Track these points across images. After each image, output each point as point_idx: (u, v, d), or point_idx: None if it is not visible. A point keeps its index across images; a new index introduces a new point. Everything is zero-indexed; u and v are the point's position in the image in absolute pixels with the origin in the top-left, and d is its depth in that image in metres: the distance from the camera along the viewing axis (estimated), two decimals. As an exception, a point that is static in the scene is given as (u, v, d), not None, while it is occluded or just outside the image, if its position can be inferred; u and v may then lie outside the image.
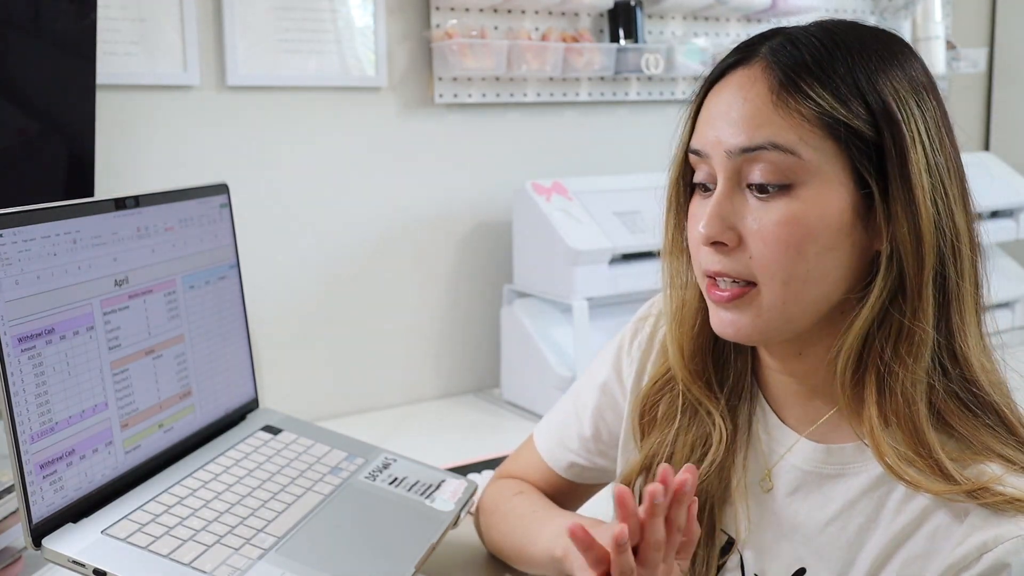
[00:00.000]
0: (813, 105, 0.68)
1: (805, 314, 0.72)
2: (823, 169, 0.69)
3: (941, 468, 0.69)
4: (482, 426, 1.65)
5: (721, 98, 0.73)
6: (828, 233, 0.69)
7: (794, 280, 0.70)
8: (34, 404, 0.81)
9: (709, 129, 0.73)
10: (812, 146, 0.68)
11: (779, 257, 0.69)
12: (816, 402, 0.78)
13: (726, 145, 0.71)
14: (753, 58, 0.72)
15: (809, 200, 0.69)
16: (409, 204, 1.73)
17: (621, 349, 0.94)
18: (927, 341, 0.69)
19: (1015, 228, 2.07)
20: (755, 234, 0.70)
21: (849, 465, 0.75)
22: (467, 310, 1.81)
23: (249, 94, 1.56)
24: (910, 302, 0.69)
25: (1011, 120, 2.48)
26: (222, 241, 1.10)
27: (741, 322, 0.73)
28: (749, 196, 0.71)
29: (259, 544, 0.87)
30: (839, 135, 0.68)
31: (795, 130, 0.68)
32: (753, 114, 0.70)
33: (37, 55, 1.23)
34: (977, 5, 2.49)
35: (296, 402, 1.58)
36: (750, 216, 0.70)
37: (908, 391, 0.70)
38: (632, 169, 1.91)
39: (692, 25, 1.98)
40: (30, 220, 0.82)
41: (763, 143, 0.69)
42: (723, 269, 0.72)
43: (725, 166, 0.71)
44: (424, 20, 1.70)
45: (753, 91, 0.70)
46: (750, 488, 0.81)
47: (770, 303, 0.71)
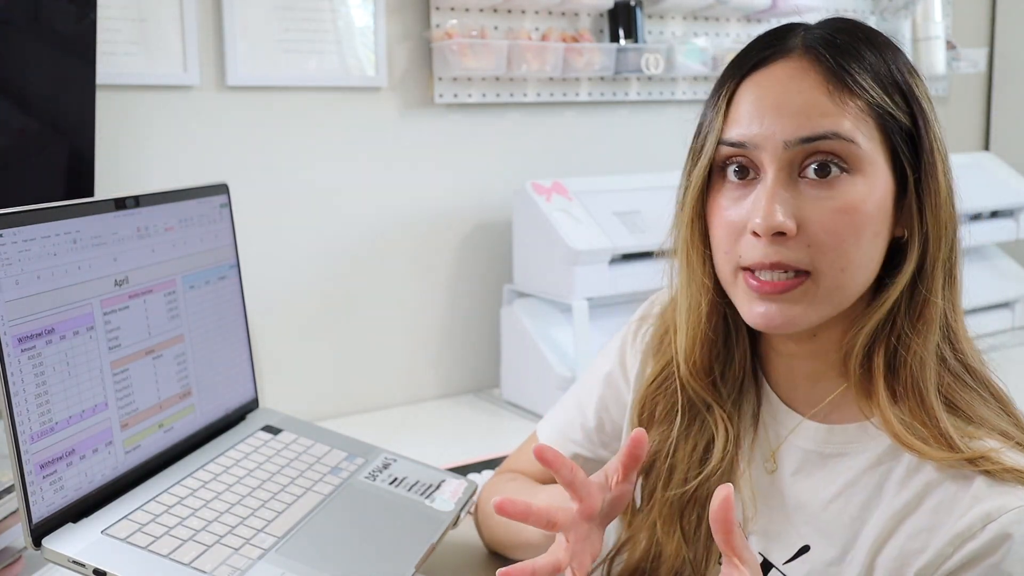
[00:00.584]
0: (866, 95, 0.71)
1: (848, 300, 0.74)
2: (874, 157, 0.72)
3: (945, 436, 0.71)
4: (482, 426, 1.65)
5: (767, 88, 0.73)
6: (879, 219, 0.72)
7: (851, 266, 0.72)
8: (34, 404, 0.81)
9: (756, 122, 0.72)
10: (866, 135, 0.71)
11: (840, 244, 0.71)
12: (823, 383, 0.79)
13: (784, 136, 0.71)
14: (793, 50, 0.73)
15: (865, 187, 0.71)
16: (409, 204, 1.73)
17: (625, 343, 0.95)
18: (938, 314, 0.73)
19: (1015, 228, 2.07)
20: (816, 222, 0.71)
21: (851, 444, 0.77)
22: (467, 310, 1.81)
23: (249, 94, 1.56)
24: (928, 280, 0.73)
25: (1011, 120, 2.48)
26: (222, 241, 1.10)
27: (793, 313, 0.73)
28: (803, 185, 0.72)
29: (259, 544, 0.87)
30: (887, 125, 0.72)
31: (851, 119, 0.71)
32: (812, 104, 0.71)
33: (37, 55, 1.23)
34: (977, 5, 2.49)
35: (296, 402, 1.58)
36: (808, 205, 0.71)
37: (920, 365, 0.73)
38: (632, 169, 1.91)
39: (692, 25, 1.98)
40: (30, 220, 0.82)
41: (826, 132, 0.70)
42: (782, 259, 0.71)
43: (779, 157, 0.71)
44: (424, 20, 1.70)
45: (807, 82, 0.71)
46: (755, 472, 0.82)
47: (825, 291, 0.72)
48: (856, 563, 0.74)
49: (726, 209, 0.75)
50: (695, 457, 0.83)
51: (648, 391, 0.88)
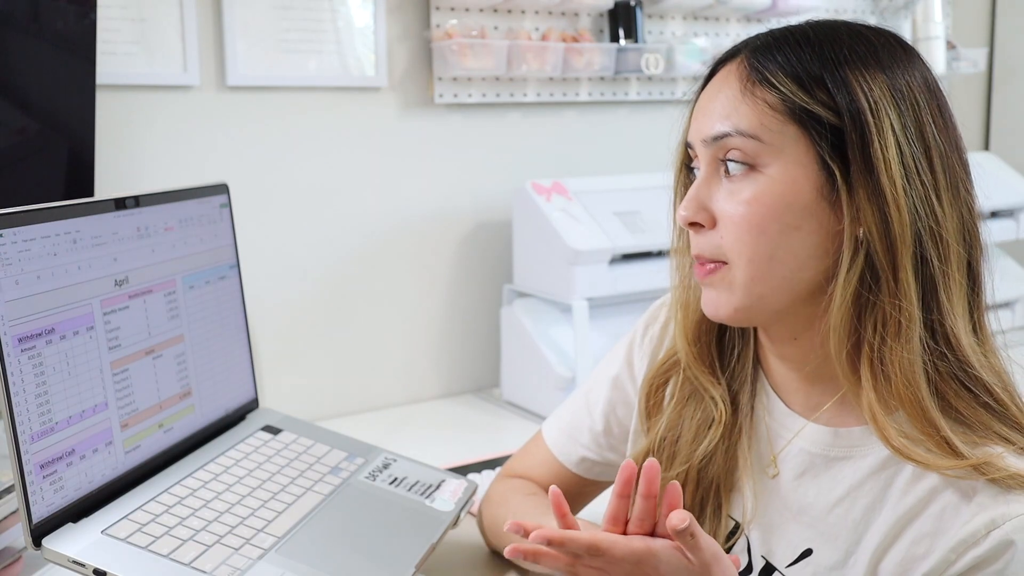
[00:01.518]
0: (776, 93, 0.73)
1: (776, 292, 0.75)
2: (785, 152, 0.73)
3: (950, 445, 0.70)
4: (482, 426, 1.65)
5: (704, 94, 0.80)
6: (790, 212, 0.73)
7: (759, 258, 0.74)
8: (34, 404, 0.81)
9: (694, 122, 0.80)
10: (774, 130, 0.73)
11: (743, 235, 0.74)
12: (818, 387, 0.79)
13: (702, 134, 0.77)
14: (735, 56, 0.79)
15: (772, 180, 0.73)
16: (409, 204, 1.73)
17: (632, 344, 0.97)
18: (913, 324, 0.71)
19: (1015, 228, 2.07)
20: (723, 214, 0.75)
21: (856, 448, 0.77)
22: (467, 310, 1.81)
23: (249, 94, 1.56)
24: (886, 285, 0.71)
25: (1011, 120, 2.48)
26: (222, 241, 1.10)
27: (719, 300, 0.77)
28: (724, 181, 0.76)
29: (259, 544, 0.87)
30: (800, 119, 0.73)
31: (758, 116, 0.74)
32: (724, 104, 0.76)
33: (37, 55, 1.23)
34: (977, 5, 2.49)
35: (296, 402, 1.58)
36: (720, 198, 0.76)
37: (906, 372, 0.71)
38: (632, 169, 1.91)
39: (692, 25, 1.98)
40: (30, 220, 0.82)
41: (728, 130, 0.75)
42: (699, 250, 0.77)
43: (704, 153, 0.77)
44: (424, 20, 1.70)
45: (726, 85, 0.77)
46: (756, 474, 0.82)
47: (740, 280, 0.75)
48: (859, 567, 0.74)
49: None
50: (697, 442, 0.84)
51: (656, 375, 0.90)
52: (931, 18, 2.18)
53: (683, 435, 0.86)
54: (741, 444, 0.84)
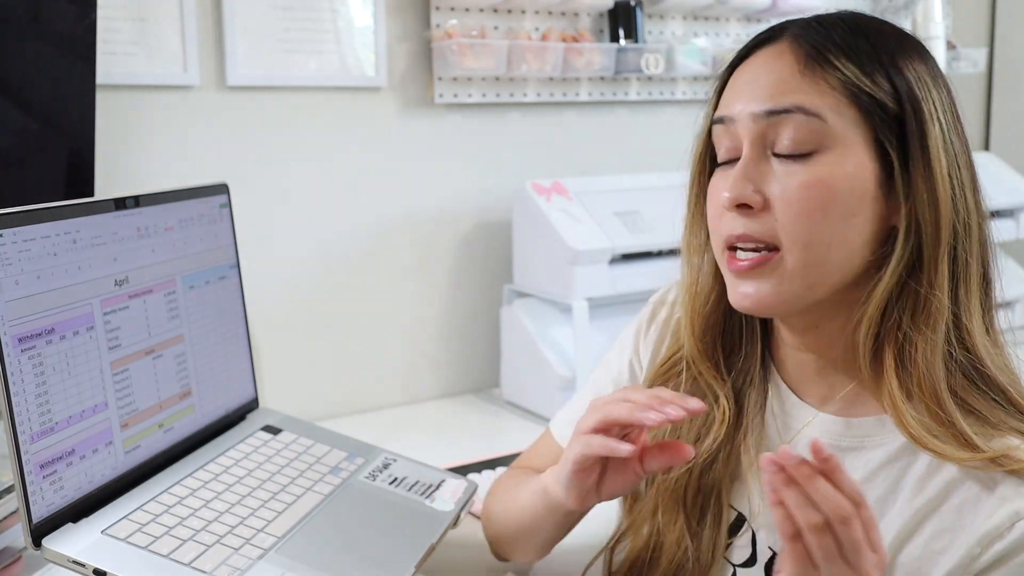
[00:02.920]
0: (839, 74, 0.71)
1: (824, 281, 0.73)
2: (847, 136, 0.71)
3: (965, 437, 0.70)
4: (482, 426, 1.65)
5: (747, 71, 0.76)
6: (851, 198, 0.71)
7: (816, 244, 0.72)
8: (34, 404, 0.81)
9: (736, 97, 0.76)
10: (837, 112, 0.71)
11: (804, 219, 0.71)
12: (834, 376, 0.79)
13: (752, 108, 0.73)
14: (779, 37, 0.76)
15: (833, 164, 0.71)
16: (409, 204, 1.73)
17: (639, 331, 0.95)
18: (943, 312, 0.72)
19: (1015, 228, 2.08)
20: (780, 197, 0.72)
21: (869, 438, 0.77)
22: (467, 310, 1.81)
23: (249, 94, 1.56)
24: (927, 273, 0.72)
25: (1011, 120, 2.48)
26: (222, 241, 1.10)
27: (762, 291, 0.74)
28: (774, 161, 0.73)
29: (259, 544, 0.87)
30: (863, 104, 0.71)
31: (821, 96, 0.71)
32: (781, 80, 0.73)
33: (37, 55, 1.23)
34: (977, 5, 2.49)
35: (296, 402, 1.58)
36: (775, 180, 0.73)
37: (928, 361, 0.72)
38: (632, 169, 1.91)
39: (692, 25, 1.98)
40: (30, 220, 0.82)
41: (790, 106, 0.72)
42: (747, 231, 0.73)
43: (750, 130, 0.74)
44: (424, 20, 1.70)
45: (780, 62, 0.74)
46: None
47: (792, 268, 0.72)
48: None
49: (713, 192, 0.78)
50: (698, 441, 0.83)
51: (659, 372, 0.89)
52: (931, 18, 2.18)
53: (683, 435, 0.85)
54: (746, 443, 0.83)
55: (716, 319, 0.84)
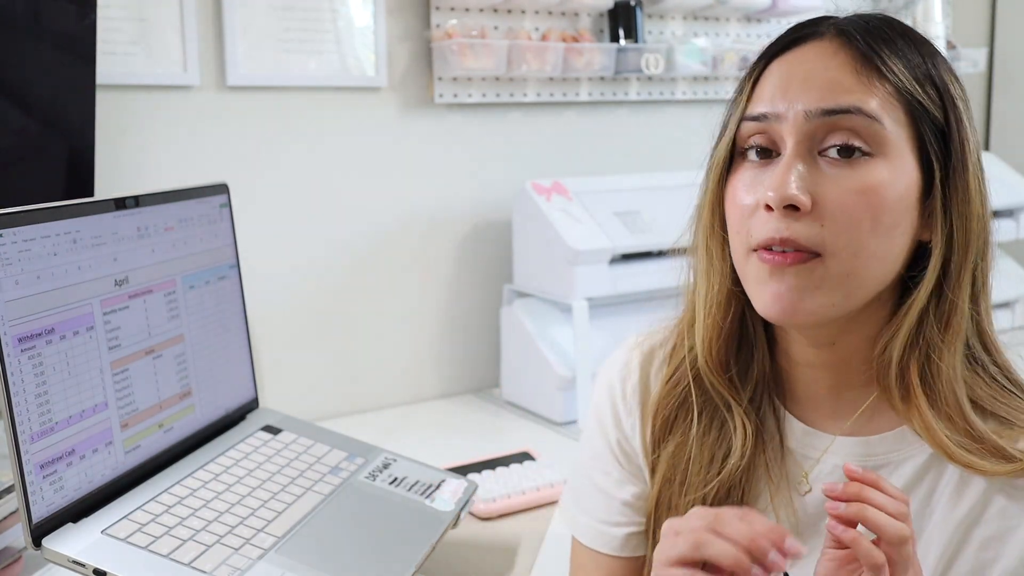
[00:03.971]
0: (896, 79, 0.69)
1: (861, 293, 0.70)
2: (900, 144, 0.69)
3: (999, 449, 0.69)
4: (482, 426, 1.65)
5: (795, 66, 0.71)
6: (899, 208, 0.69)
7: (864, 252, 0.68)
8: (34, 404, 0.81)
9: (779, 93, 0.71)
10: (893, 118, 0.69)
11: (855, 227, 0.68)
12: (848, 394, 0.76)
13: (806, 106, 0.69)
14: (823, 34, 0.72)
15: (887, 171, 0.68)
16: (409, 204, 1.73)
17: (616, 407, 0.87)
18: (964, 324, 0.71)
19: (1015, 228, 2.07)
20: (832, 200, 0.68)
21: (892, 453, 0.74)
22: (467, 310, 1.81)
23: (249, 94, 1.56)
24: (952, 288, 0.70)
25: (1011, 120, 2.48)
26: (222, 241, 1.10)
27: (800, 295, 0.69)
28: (823, 163, 0.69)
29: (259, 544, 0.87)
30: (914, 111, 0.69)
31: (878, 100, 0.69)
32: (838, 80, 0.69)
33: (37, 55, 1.23)
34: (977, 5, 2.49)
35: (296, 402, 1.58)
36: (826, 183, 0.68)
37: (952, 374, 0.70)
38: (632, 169, 1.91)
39: (692, 25, 1.98)
40: (30, 220, 0.82)
41: (849, 106, 0.68)
42: (792, 235, 0.68)
43: (800, 129, 0.69)
44: (424, 20, 1.70)
45: (835, 60, 0.70)
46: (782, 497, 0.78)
47: (835, 275, 0.68)
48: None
49: (742, 190, 0.73)
50: (716, 459, 0.79)
51: (662, 395, 0.83)
52: (931, 18, 2.18)
53: (694, 458, 0.80)
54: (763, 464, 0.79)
55: (733, 330, 0.79)
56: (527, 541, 1.16)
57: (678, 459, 0.81)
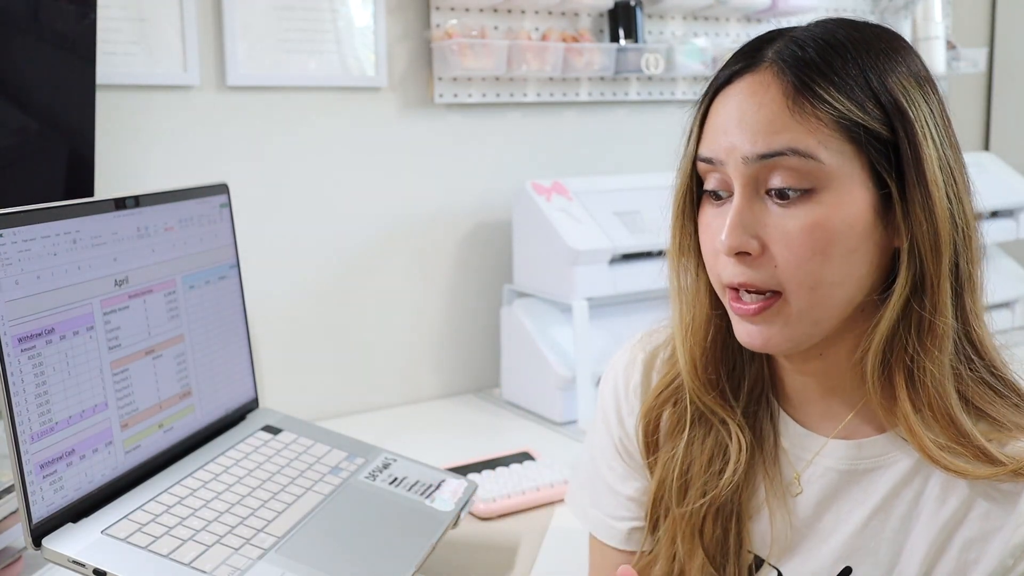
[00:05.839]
0: (830, 109, 0.68)
1: (832, 317, 0.71)
2: (843, 172, 0.68)
3: (985, 453, 0.69)
4: (482, 426, 1.65)
5: (731, 105, 0.71)
6: (852, 235, 0.69)
7: (821, 285, 0.69)
8: (34, 404, 0.81)
9: (721, 136, 0.71)
10: (832, 149, 0.68)
11: (806, 263, 0.69)
12: (838, 400, 0.77)
13: (743, 151, 0.70)
14: (760, 63, 0.71)
15: (832, 204, 0.68)
16: (409, 204, 1.73)
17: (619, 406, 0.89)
18: (948, 331, 0.70)
19: (1015, 228, 2.07)
20: (779, 241, 0.69)
21: (882, 457, 0.75)
22: (467, 310, 1.81)
23: (249, 94, 1.56)
24: (930, 295, 0.70)
25: (1011, 120, 2.48)
26: (222, 241, 1.10)
27: (770, 333, 0.72)
28: (769, 203, 0.70)
29: (259, 544, 0.87)
30: (858, 138, 0.68)
31: (814, 135, 0.68)
32: (770, 120, 0.69)
33: (37, 55, 1.23)
34: (977, 5, 2.49)
35: (296, 402, 1.58)
36: (772, 224, 0.69)
37: (938, 382, 0.70)
38: (632, 169, 1.91)
39: (692, 25, 1.98)
40: (30, 220, 0.82)
41: (782, 148, 0.68)
42: (747, 280, 0.71)
43: (742, 173, 0.70)
44: (424, 20, 1.70)
45: (767, 96, 0.69)
46: (777, 498, 0.79)
47: (798, 311, 0.70)
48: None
49: (709, 226, 0.75)
50: (712, 469, 0.80)
51: (655, 403, 0.85)
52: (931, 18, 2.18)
53: (694, 464, 0.81)
54: (760, 468, 0.80)
55: (717, 349, 0.80)
56: (527, 541, 1.16)
57: (675, 465, 0.82)
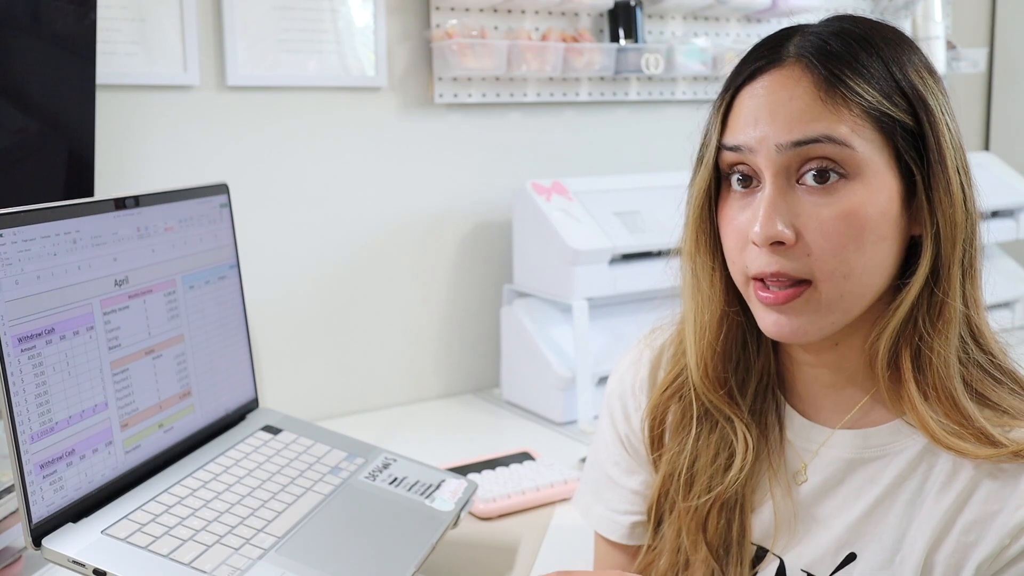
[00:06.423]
0: (860, 100, 0.70)
1: (859, 305, 0.73)
2: (874, 161, 0.70)
3: (986, 434, 0.71)
4: (482, 426, 1.65)
5: (760, 97, 0.73)
6: (883, 223, 0.71)
7: (854, 273, 0.71)
8: (34, 404, 0.81)
9: (751, 127, 0.72)
10: (863, 138, 0.70)
11: (840, 251, 0.70)
12: (848, 390, 0.79)
13: (776, 140, 0.71)
14: (785, 59, 0.73)
15: (864, 192, 0.70)
16: (409, 204, 1.73)
17: (625, 402, 0.91)
18: (955, 317, 0.72)
19: (1015, 228, 2.07)
20: (815, 229, 0.70)
21: (888, 445, 0.77)
22: (467, 310, 1.81)
23: (249, 94, 1.56)
24: (944, 280, 0.72)
25: (1011, 120, 2.48)
26: (222, 241, 1.10)
27: (799, 322, 0.72)
28: (800, 192, 0.71)
29: (259, 544, 0.87)
30: (886, 128, 0.70)
31: (847, 124, 0.70)
32: (804, 109, 0.70)
33: (37, 55, 1.23)
34: (977, 5, 2.49)
35: (296, 402, 1.58)
36: (806, 212, 0.70)
37: (943, 364, 0.72)
38: (632, 169, 1.91)
39: (692, 25, 1.98)
40: (30, 220, 0.82)
41: (818, 136, 0.69)
42: (780, 269, 0.71)
43: (774, 161, 0.71)
44: (424, 20, 1.70)
45: (799, 89, 0.71)
46: (781, 489, 0.80)
47: (828, 299, 0.71)
48: (909, 564, 0.74)
49: (734, 219, 0.75)
50: (717, 464, 0.81)
51: (661, 398, 0.86)
52: (931, 18, 2.18)
53: (700, 458, 0.82)
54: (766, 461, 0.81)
55: (727, 347, 0.81)
56: (527, 541, 1.16)
57: (681, 461, 0.83)
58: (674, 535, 0.84)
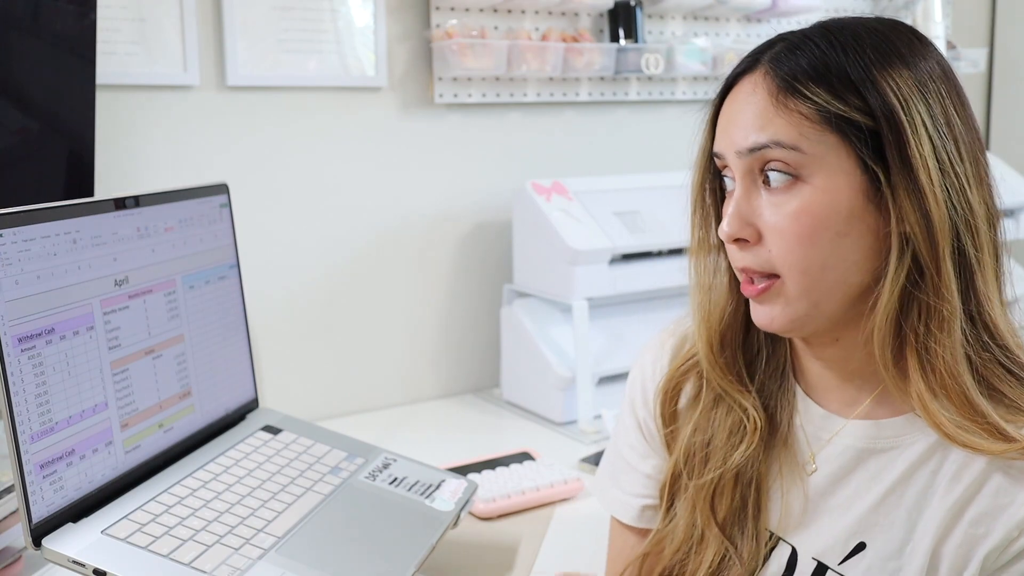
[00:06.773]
0: (811, 103, 0.73)
1: (830, 299, 0.75)
2: (827, 160, 0.73)
3: (999, 429, 0.72)
4: (482, 426, 1.65)
5: (730, 104, 0.78)
6: (839, 220, 0.73)
7: (812, 268, 0.74)
8: (34, 404, 0.81)
9: (723, 133, 0.78)
10: (814, 140, 0.72)
11: (794, 248, 0.74)
12: (856, 383, 0.80)
13: (736, 146, 0.76)
14: (756, 66, 0.77)
15: (817, 191, 0.73)
16: (409, 204, 1.73)
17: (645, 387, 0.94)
18: (955, 315, 0.73)
19: (1015, 228, 2.07)
20: (771, 228, 0.75)
21: (901, 437, 0.78)
22: (467, 310, 1.81)
23: (249, 94, 1.56)
24: (930, 280, 0.73)
25: (1011, 120, 2.48)
26: (222, 241, 1.10)
27: (773, 314, 0.77)
28: (763, 192, 0.76)
29: (259, 544, 0.87)
30: (839, 127, 0.72)
31: (796, 127, 0.73)
32: (757, 115, 0.75)
33: (37, 55, 1.23)
34: (977, 5, 2.49)
35: (296, 402, 1.58)
36: (765, 212, 0.75)
37: (949, 365, 0.73)
38: (632, 169, 1.91)
39: (692, 25, 1.98)
40: (30, 220, 0.82)
41: (767, 142, 0.74)
42: (748, 264, 0.77)
43: (738, 166, 0.76)
44: (424, 20, 1.70)
45: (756, 96, 0.75)
46: (792, 476, 0.83)
47: (795, 292, 0.75)
48: (918, 555, 0.75)
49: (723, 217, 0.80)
50: (731, 442, 0.84)
51: (676, 374, 0.90)
52: (931, 18, 2.18)
53: (715, 437, 0.85)
54: (777, 447, 0.84)
55: (733, 333, 0.85)
56: (527, 541, 1.16)
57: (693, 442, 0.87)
58: (688, 511, 0.86)
